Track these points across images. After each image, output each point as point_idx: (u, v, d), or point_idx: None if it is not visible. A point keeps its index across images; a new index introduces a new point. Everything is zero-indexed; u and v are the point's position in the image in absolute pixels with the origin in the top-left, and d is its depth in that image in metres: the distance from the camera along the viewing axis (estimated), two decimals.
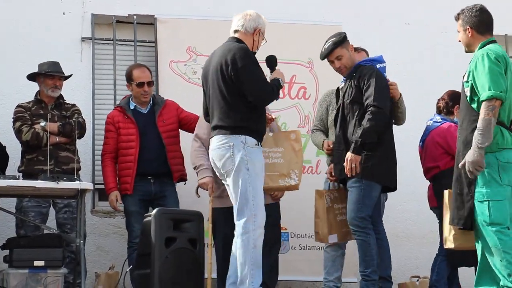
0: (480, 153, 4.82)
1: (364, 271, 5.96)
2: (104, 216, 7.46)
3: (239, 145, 5.37)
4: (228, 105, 5.42)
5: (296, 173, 5.89)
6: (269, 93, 5.51)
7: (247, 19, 5.65)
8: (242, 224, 5.37)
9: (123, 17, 7.77)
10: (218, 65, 5.45)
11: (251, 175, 5.38)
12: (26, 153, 6.61)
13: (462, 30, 5.25)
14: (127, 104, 6.80)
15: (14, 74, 7.28)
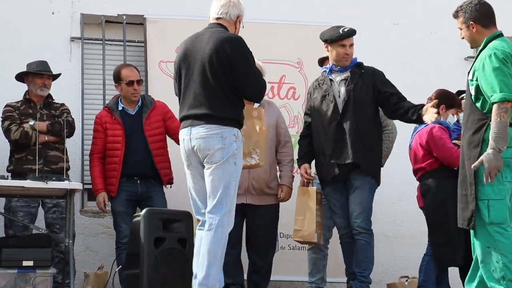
0: (500, 157, 4.73)
1: (362, 272, 5.95)
2: (93, 216, 7.45)
3: (232, 138, 5.15)
4: (219, 94, 5.15)
5: (257, 152, 5.57)
6: (264, 88, 5.36)
7: (230, 6, 5.38)
8: (219, 218, 5.11)
9: (112, 17, 7.76)
10: (213, 52, 5.13)
11: (237, 170, 5.21)
12: (15, 153, 6.60)
13: (465, 27, 5.13)
14: (115, 104, 6.79)
15: (2, 74, 7.26)
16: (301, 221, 6.19)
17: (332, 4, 8.18)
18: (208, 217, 5.14)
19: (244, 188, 6.05)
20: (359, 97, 5.99)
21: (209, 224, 5.12)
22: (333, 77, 6.15)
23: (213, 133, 5.13)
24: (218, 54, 5.12)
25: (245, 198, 6.12)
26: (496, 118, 4.74)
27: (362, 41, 7.61)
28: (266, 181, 6.16)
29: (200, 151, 5.18)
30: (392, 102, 6.00)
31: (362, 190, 5.97)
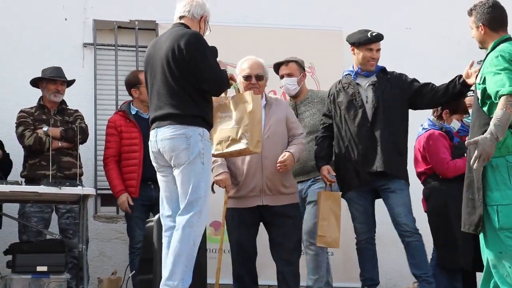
0: (494, 145, 4.65)
1: (426, 273, 5.87)
2: (107, 221, 7.47)
3: (197, 137, 5.01)
4: (182, 92, 5.04)
5: (247, 137, 5.30)
6: (224, 82, 5.20)
7: (193, 5, 5.29)
8: (188, 218, 4.97)
9: (124, 22, 7.79)
10: (170, 50, 5.04)
11: (205, 169, 5.06)
12: (29, 158, 6.63)
13: (474, 27, 5.12)
14: (128, 108, 6.82)
15: (16, 80, 7.30)
16: (325, 226, 6.04)
17: (343, 9, 8.18)
18: (178, 219, 5.05)
19: (259, 189, 5.74)
20: (388, 102, 5.93)
21: (178, 223, 5.03)
22: (359, 81, 6.08)
23: (177, 133, 5.02)
24: (174, 51, 5.04)
25: (261, 200, 5.76)
26: (501, 108, 4.68)
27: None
28: (281, 180, 5.78)
29: (165, 153, 5.08)
30: (427, 91, 5.95)
31: (401, 192, 5.91)
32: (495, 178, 4.83)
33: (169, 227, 5.16)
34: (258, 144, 5.36)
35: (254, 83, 5.80)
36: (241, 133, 5.30)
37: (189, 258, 4.96)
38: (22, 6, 7.56)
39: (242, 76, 5.83)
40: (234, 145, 5.31)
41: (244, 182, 5.71)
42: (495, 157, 4.77)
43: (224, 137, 5.36)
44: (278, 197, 5.78)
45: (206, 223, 5.12)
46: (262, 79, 5.86)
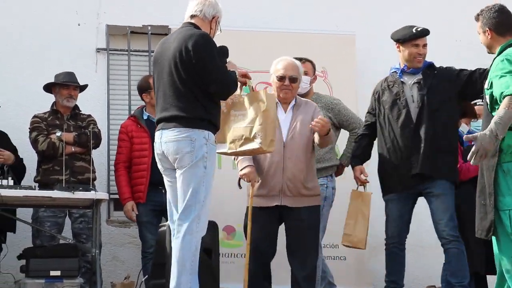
0: (494, 143, 4.61)
1: (461, 281, 5.77)
2: (120, 226, 7.49)
3: (202, 140, 4.94)
4: (190, 94, 4.96)
5: (260, 136, 5.17)
6: (232, 85, 5.08)
7: (206, 4, 5.19)
8: (188, 224, 4.91)
9: (137, 27, 7.82)
10: (177, 51, 4.97)
11: (207, 174, 4.98)
12: (42, 163, 6.65)
13: (481, 32, 5.11)
14: (140, 113, 6.85)
15: (30, 85, 7.34)
16: (352, 225, 5.99)
17: (356, 13, 8.18)
18: (177, 224, 4.99)
19: (278, 189, 5.58)
20: (434, 100, 5.82)
21: (177, 231, 4.97)
22: (405, 80, 5.99)
23: (182, 136, 4.96)
24: (182, 53, 4.97)
25: (280, 200, 5.59)
26: (504, 107, 4.64)
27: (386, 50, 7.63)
28: (302, 181, 5.59)
29: (169, 155, 5.03)
30: (476, 78, 5.82)
31: (444, 196, 5.81)
32: (506, 183, 4.79)
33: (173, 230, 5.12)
34: (272, 144, 5.25)
35: (288, 85, 5.69)
36: (255, 132, 5.18)
37: (192, 265, 4.92)
38: (36, 12, 7.59)
39: (276, 76, 5.71)
40: (247, 144, 5.20)
41: (264, 180, 5.59)
42: (506, 162, 4.76)
43: (237, 135, 5.26)
44: (298, 198, 5.60)
45: (205, 227, 5.04)
46: (296, 81, 5.73)
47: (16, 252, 6.31)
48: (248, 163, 5.58)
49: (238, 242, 6.88)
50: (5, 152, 6.53)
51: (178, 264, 4.92)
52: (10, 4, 7.56)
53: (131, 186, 6.73)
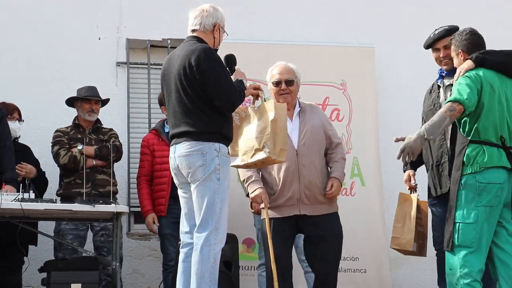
0: (421, 142, 4.89)
1: None
2: (140, 239, 7.51)
3: (213, 153, 4.97)
4: (196, 109, 4.99)
5: (269, 145, 5.14)
6: (235, 98, 5.06)
7: (204, 15, 5.18)
8: (205, 237, 4.92)
9: (157, 41, 7.86)
10: (181, 67, 5.01)
11: (221, 186, 4.99)
12: (64, 177, 6.69)
13: (455, 55, 5.32)
14: (162, 127, 6.89)
15: (51, 100, 7.40)
16: (399, 228, 5.93)
17: (376, 25, 8.18)
18: (195, 237, 4.99)
19: (296, 198, 5.48)
20: None
21: (195, 244, 4.97)
22: (442, 83, 5.91)
23: (194, 149, 4.99)
24: (186, 69, 5.00)
25: (298, 209, 5.48)
26: (441, 111, 4.93)
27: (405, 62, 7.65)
28: (319, 188, 5.51)
29: (182, 169, 5.06)
30: None
31: None
32: (462, 196, 4.96)
33: (186, 243, 5.14)
34: (282, 153, 5.21)
35: (284, 89, 5.61)
36: (264, 142, 5.16)
37: (211, 277, 4.91)
38: (57, 27, 7.65)
39: (272, 83, 5.66)
40: (257, 155, 5.18)
41: (281, 191, 5.50)
42: (466, 174, 4.95)
43: (249, 147, 5.24)
44: (317, 206, 5.51)
45: (224, 239, 5.04)
46: (292, 84, 5.64)
47: (38, 265, 6.33)
48: (258, 186, 5.54)
49: (257, 255, 6.87)
50: (27, 166, 6.58)
51: (197, 277, 4.92)
52: (32, 18, 7.62)
53: (153, 199, 6.76)
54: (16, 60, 7.51)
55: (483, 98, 5.00)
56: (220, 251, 4.99)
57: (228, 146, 5.11)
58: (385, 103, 7.79)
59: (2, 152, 6.21)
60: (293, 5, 8.13)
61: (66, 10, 7.70)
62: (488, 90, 5.02)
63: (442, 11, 8.28)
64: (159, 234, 6.77)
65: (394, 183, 7.61)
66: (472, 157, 4.95)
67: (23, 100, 7.06)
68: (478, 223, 4.90)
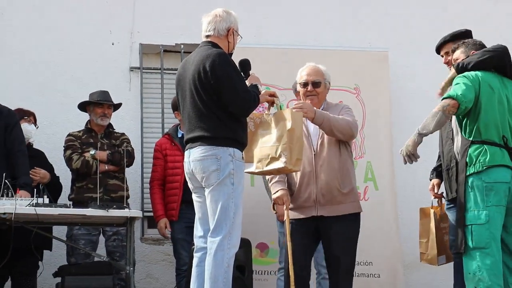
0: (417, 140, 5.01)
1: None
2: (153, 243, 7.52)
3: (227, 158, 4.96)
4: (211, 114, 4.99)
5: (285, 155, 5.10)
6: (250, 103, 5.05)
7: (217, 21, 5.18)
8: (218, 241, 4.91)
9: (170, 46, 7.87)
10: (196, 73, 5.01)
11: (235, 190, 4.98)
12: (76, 181, 6.71)
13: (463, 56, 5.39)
14: (175, 131, 6.90)
15: (65, 105, 7.42)
16: (424, 244, 6.00)
17: (389, 30, 8.17)
18: (209, 241, 4.98)
19: (313, 200, 5.40)
20: None
21: (209, 248, 4.96)
22: None
23: (208, 154, 4.98)
24: (200, 74, 5.00)
25: (316, 210, 5.40)
26: (435, 108, 5.03)
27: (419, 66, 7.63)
28: (337, 188, 5.39)
29: (197, 174, 5.06)
30: None
31: None
32: (470, 197, 4.96)
33: (200, 248, 5.13)
34: (298, 163, 5.19)
35: (311, 90, 5.56)
36: (280, 151, 5.14)
37: (225, 281, 4.90)
38: (70, 32, 7.68)
39: (299, 84, 5.62)
40: (273, 163, 5.16)
41: (298, 192, 5.47)
42: (470, 174, 4.96)
43: (264, 155, 5.23)
44: (335, 207, 5.40)
45: (238, 244, 5.02)
46: (319, 85, 5.58)
47: (52, 270, 6.35)
48: (281, 187, 5.49)
49: (271, 259, 6.87)
50: (41, 171, 6.60)
51: (210, 281, 4.91)
52: (46, 24, 7.65)
53: (165, 204, 6.77)
54: (29, 65, 7.54)
55: (481, 97, 5.02)
56: (234, 256, 4.98)
57: (242, 151, 5.11)
58: (399, 107, 7.77)
59: (16, 157, 6.23)
60: (305, 9, 8.12)
61: (79, 15, 7.73)
62: (487, 90, 5.04)
63: (456, 14, 8.27)
64: (172, 239, 6.78)
65: (408, 187, 7.61)
66: (474, 157, 4.96)
67: (37, 106, 7.09)
68: (490, 223, 4.89)
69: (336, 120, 5.39)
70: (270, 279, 6.94)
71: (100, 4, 7.81)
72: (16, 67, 7.48)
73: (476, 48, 5.36)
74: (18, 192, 5.92)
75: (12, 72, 7.22)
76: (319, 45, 7.78)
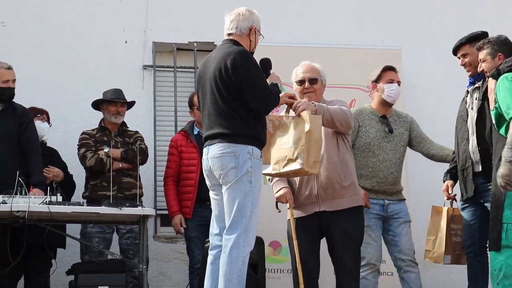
0: (509, 167, 4.75)
1: None
2: (167, 241, 7.52)
3: (246, 155, 4.95)
4: (232, 112, 4.99)
5: (303, 157, 5.09)
6: (271, 100, 5.06)
7: (240, 19, 5.19)
8: (234, 239, 4.89)
9: (183, 44, 7.87)
10: (217, 70, 5.02)
11: (253, 188, 4.97)
12: (90, 179, 6.73)
13: (490, 58, 5.37)
14: (191, 128, 6.91)
15: (78, 103, 7.45)
16: (431, 241, 5.98)
17: (402, 28, 8.15)
18: (224, 239, 4.98)
19: (314, 195, 5.41)
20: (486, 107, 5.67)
21: (224, 246, 4.95)
22: (471, 88, 5.89)
23: (226, 151, 4.98)
24: (221, 71, 5.01)
25: (318, 206, 5.41)
26: (510, 131, 4.79)
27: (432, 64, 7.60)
28: (338, 181, 5.39)
29: (214, 171, 5.05)
30: None
31: None
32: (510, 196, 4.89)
33: (215, 246, 5.13)
34: (315, 165, 5.18)
35: (308, 87, 5.56)
36: (297, 153, 5.13)
37: (239, 279, 4.89)
38: (83, 30, 7.71)
39: (295, 82, 5.63)
40: (290, 165, 5.17)
41: (299, 189, 5.48)
42: None
43: (281, 156, 5.23)
44: (337, 201, 5.41)
45: (253, 242, 5.01)
46: (316, 82, 5.58)
47: (65, 268, 6.37)
48: (283, 185, 5.49)
49: (284, 257, 6.87)
50: (54, 169, 6.63)
51: (224, 279, 4.90)
52: (58, 22, 7.68)
53: (179, 201, 6.77)
54: (42, 63, 7.57)
55: None
56: (248, 254, 4.97)
57: (261, 150, 5.10)
58: (412, 105, 7.73)
59: (30, 156, 6.27)
60: (318, 8, 8.12)
61: (92, 13, 7.76)
62: None
63: (470, 13, 8.24)
64: (185, 237, 6.78)
65: (420, 187, 7.58)
66: None
67: (50, 104, 7.11)
68: None
69: (334, 110, 5.38)
70: (282, 277, 6.94)
71: (113, 3, 7.83)
72: (29, 65, 7.49)
73: (502, 47, 5.34)
74: (31, 190, 5.95)
75: (25, 71, 7.23)
76: (332, 43, 7.77)
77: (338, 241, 5.39)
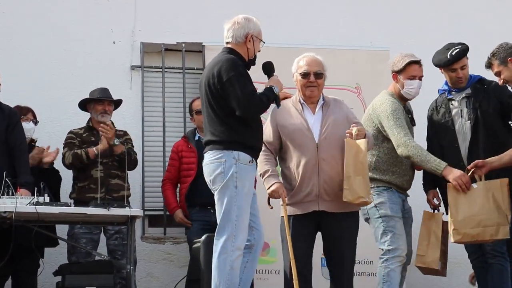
0: None
1: None
2: (154, 242, 7.51)
3: (231, 161, 5.06)
4: (219, 119, 5.12)
5: None
6: (255, 106, 5.12)
7: (235, 28, 5.28)
8: (221, 244, 5.01)
9: (171, 45, 7.87)
10: (207, 79, 5.18)
11: (239, 193, 5.06)
12: (78, 181, 6.71)
13: (503, 67, 5.43)
14: (192, 134, 7.05)
15: (67, 103, 7.41)
16: (424, 246, 5.90)
17: (390, 29, 8.16)
18: (214, 243, 5.12)
19: (315, 194, 5.33)
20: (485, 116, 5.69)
21: (214, 250, 5.08)
22: (453, 96, 5.86)
23: (214, 158, 5.13)
24: (209, 79, 5.15)
25: (317, 205, 5.35)
26: None
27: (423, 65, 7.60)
28: (340, 184, 5.32)
29: (206, 177, 5.22)
30: None
31: None
32: None
33: None
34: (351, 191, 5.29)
35: (313, 81, 5.48)
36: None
37: (228, 283, 4.97)
38: (72, 30, 7.68)
39: (299, 74, 5.51)
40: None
41: (299, 186, 5.36)
42: None
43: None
44: (337, 203, 5.34)
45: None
46: (321, 77, 5.53)
47: (52, 268, 6.35)
48: (275, 180, 5.39)
49: (272, 258, 6.88)
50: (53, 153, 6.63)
51: (214, 284, 5.02)
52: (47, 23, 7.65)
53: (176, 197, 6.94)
54: (31, 64, 7.53)
55: None
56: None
57: (251, 155, 5.15)
58: None
59: (18, 156, 6.24)
60: (307, 9, 8.12)
61: (81, 14, 7.72)
62: None
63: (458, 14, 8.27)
64: (188, 241, 6.80)
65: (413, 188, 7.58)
66: None
67: (38, 104, 7.07)
68: None
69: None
70: (270, 278, 6.94)
71: (101, 3, 7.80)
72: (18, 65, 7.46)
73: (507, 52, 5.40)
74: (18, 190, 5.93)
75: (13, 71, 7.21)
76: (320, 44, 7.76)
77: (338, 238, 5.37)
